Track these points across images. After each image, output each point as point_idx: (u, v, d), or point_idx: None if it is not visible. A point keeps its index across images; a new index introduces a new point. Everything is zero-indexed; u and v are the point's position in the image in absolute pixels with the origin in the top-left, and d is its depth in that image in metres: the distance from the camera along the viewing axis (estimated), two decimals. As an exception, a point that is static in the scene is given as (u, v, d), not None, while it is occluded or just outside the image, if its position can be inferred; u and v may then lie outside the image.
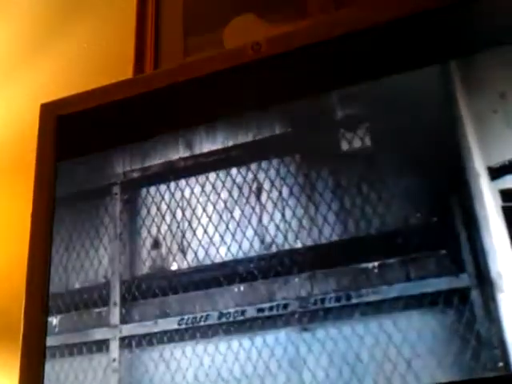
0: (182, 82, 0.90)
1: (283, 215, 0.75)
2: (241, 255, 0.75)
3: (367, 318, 0.67)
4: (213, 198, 0.80)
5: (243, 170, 0.80)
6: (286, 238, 0.74)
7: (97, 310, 0.81)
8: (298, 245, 0.73)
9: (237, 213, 0.78)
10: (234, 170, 0.80)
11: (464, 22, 0.76)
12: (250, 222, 0.76)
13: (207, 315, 0.75)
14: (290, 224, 0.74)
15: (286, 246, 0.74)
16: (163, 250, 0.80)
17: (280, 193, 0.76)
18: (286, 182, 0.77)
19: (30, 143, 0.97)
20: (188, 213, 0.81)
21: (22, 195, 1.02)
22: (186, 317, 0.76)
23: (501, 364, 0.61)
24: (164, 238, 0.81)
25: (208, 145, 0.84)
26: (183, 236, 0.80)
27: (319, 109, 0.79)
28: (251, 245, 0.75)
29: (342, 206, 0.73)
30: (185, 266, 0.79)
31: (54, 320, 0.82)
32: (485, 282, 0.64)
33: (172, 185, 0.83)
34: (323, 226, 0.73)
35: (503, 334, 0.62)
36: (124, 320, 0.79)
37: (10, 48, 1.30)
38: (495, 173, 0.67)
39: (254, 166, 0.80)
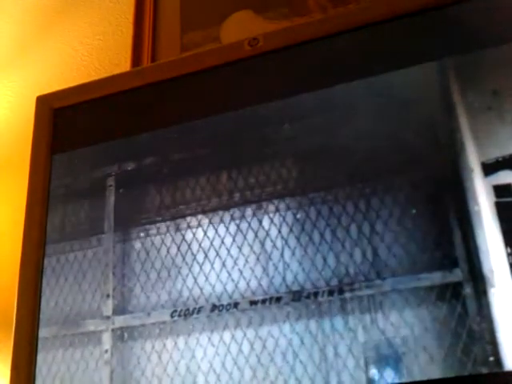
0: (179, 76, 0.90)
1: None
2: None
3: (360, 312, 0.68)
4: (209, 191, 0.80)
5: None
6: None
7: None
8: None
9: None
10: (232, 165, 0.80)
11: (459, 21, 0.76)
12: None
13: (200, 307, 0.75)
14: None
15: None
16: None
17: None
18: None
19: (26, 136, 0.97)
20: (183, 207, 0.81)
21: (17, 188, 1.02)
22: (178, 309, 0.76)
23: (492, 358, 0.61)
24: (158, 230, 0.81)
25: (203, 139, 0.84)
26: (177, 228, 0.80)
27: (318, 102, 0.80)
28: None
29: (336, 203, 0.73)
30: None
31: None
32: (477, 277, 0.64)
33: (166, 178, 0.83)
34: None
35: (494, 329, 0.62)
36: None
37: (7, 41, 1.30)
38: (489, 168, 0.67)
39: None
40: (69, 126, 0.95)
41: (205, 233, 0.78)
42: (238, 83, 0.86)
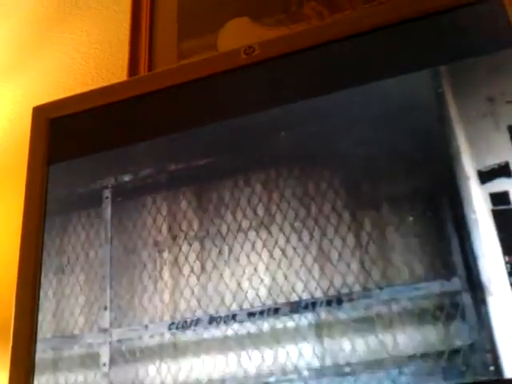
0: (175, 85, 0.90)
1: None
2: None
3: (358, 322, 0.67)
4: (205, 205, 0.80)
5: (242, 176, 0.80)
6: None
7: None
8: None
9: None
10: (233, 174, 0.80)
11: (454, 28, 0.76)
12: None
13: (197, 319, 0.74)
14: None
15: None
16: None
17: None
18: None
19: (23, 146, 0.97)
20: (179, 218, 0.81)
21: (14, 198, 1.02)
22: (176, 321, 0.75)
23: (492, 368, 0.61)
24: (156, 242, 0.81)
25: (199, 149, 0.84)
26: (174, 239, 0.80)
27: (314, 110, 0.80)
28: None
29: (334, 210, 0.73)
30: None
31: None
32: (475, 286, 0.64)
33: (164, 189, 0.83)
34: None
35: (493, 338, 0.61)
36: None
37: (4, 51, 1.30)
38: (485, 176, 0.67)
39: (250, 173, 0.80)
40: (65, 135, 0.95)
41: (202, 243, 0.78)
42: (234, 91, 0.86)
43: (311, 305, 0.70)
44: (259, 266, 0.74)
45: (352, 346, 0.67)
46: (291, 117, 0.81)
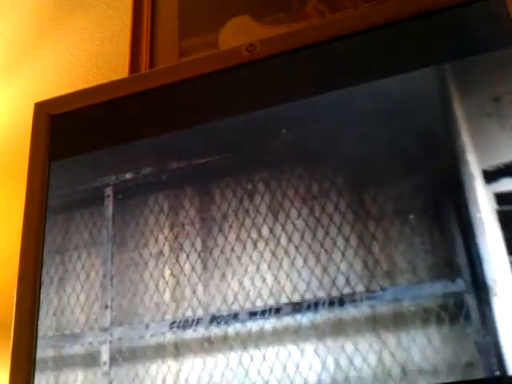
0: (177, 82, 0.90)
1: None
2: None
3: (361, 323, 0.67)
4: (207, 205, 0.80)
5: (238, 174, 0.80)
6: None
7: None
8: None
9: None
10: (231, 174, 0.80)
11: (458, 26, 0.76)
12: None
13: (199, 319, 0.74)
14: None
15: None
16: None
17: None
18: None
19: (24, 142, 0.96)
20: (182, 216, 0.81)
21: (15, 195, 1.02)
22: (177, 320, 0.75)
23: (497, 373, 0.61)
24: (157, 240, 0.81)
25: (201, 147, 0.84)
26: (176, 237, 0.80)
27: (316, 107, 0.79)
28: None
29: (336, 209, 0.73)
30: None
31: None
32: (480, 287, 0.63)
33: (165, 187, 0.83)
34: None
35: (498, 339, 0.61)
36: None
37: (5, 47, 1.30)
38: (490, 176, 0.67)
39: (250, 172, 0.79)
40: (67, 132, 0.95)
41: (203, 242, 0.78)
42: (235, 89, 0.86)
43: (313, 305, 0.69)
44: (261, 265, 0.73)
45: (354, 347, 0.66)
46: (292, 114, 0.80)
